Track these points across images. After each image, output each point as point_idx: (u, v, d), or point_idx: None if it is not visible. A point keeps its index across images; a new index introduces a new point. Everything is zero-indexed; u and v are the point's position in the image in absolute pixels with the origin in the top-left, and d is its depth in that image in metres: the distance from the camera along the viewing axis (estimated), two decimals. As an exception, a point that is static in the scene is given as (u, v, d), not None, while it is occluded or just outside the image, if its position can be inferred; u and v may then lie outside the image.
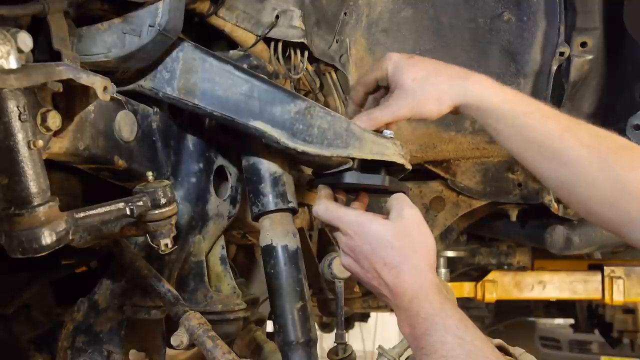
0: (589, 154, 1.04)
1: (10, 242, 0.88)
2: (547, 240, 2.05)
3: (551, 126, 1.07)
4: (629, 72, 1.72)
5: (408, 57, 1.16)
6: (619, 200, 1.02)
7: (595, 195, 1.05)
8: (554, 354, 5.62)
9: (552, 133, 1.07)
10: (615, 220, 1.04)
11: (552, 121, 1.08)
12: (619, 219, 1.03)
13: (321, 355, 1.51)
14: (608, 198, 1.03)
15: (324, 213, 1.11)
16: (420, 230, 1.06)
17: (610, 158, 1.03)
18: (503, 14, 1.70)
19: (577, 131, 1.07)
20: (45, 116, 0.89)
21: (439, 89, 1.12)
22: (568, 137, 1.06)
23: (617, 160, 1.03)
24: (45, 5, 0.96)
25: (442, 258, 2.89)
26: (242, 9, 1.38)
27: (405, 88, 1.12)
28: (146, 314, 1.24)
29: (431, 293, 1.02)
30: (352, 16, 1.67)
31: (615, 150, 1.05)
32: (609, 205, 1.03)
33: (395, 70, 1.14)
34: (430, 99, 1.12)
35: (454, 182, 1.85)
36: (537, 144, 1.08)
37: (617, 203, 1.03)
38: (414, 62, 1.14)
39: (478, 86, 1.11)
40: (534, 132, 1.08)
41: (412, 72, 1.13)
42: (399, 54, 1.17)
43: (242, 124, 1.17)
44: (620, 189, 1.02)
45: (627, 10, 1.64)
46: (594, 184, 1.04)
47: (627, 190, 1.01)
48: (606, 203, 1.04)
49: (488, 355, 0.98)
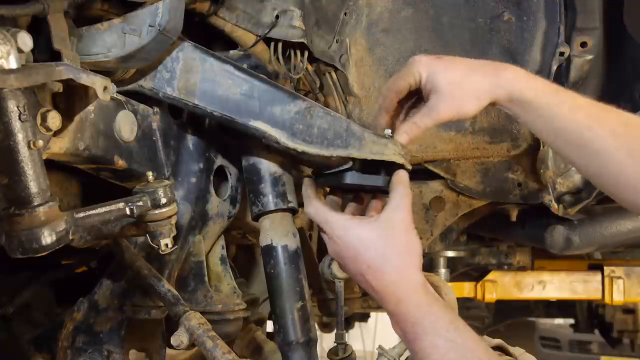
0: (617, 142, 1.05)
1: (10, 242, 0.88)
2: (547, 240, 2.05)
3: (580, 116, 1.08)
4: (629, 72, 1.72)
5: (436, 58, 1.15)
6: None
7: (623, 182, 1.06)
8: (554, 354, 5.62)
9: (581, 123, 1.08)
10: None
11: (582, 111, 1.09)
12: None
13: (321, 355, 1.51)
14: (635, 184, 1.04)
15: (314, 214, 1.11)
16: (406, 232, 1.05)
17: (637, 146, 1.04)
18: (503, 14, 1.69)
19: (606, 120, 1.07)
20: (45, 116, 0.89)
21: (476, 88, 1.12)
22: (597, 127, 1.07)
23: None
24: (45, 5, 0.96)
25: (442, 258, 2.89)
26: (242, 9, 1.38)
27: (443, 92, 1.12)
28: (146, 314, 1.24)
29: (417, 295, 1.02)
30: (352, 16, 1.67)
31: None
32: (635, 191, 1.05)
33: (428, 74, 1.13)
34: (470, 99, 1.12)
35: (454, 182, 1.85)
36: (567, 134, 1.09)
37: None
38: (445, 64, 1.13)
39: (510, 80, 1.11)
40: (563, 123, 1.09)
41: (447, 75, 1.12)
42: (426, 56, 1.15)
43: (242, 124, 1.18)
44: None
45: (627, 10, 1.64)
46: (623, 171, 1.05)
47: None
48: (632, 189, 1.05)
49: (481, 356, 0.98)
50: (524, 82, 1.11)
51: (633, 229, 2.01)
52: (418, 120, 1.14)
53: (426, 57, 1.15)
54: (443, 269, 2.89)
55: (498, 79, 1.12)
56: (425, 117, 1.14)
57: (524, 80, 1.12)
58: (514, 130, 1.78)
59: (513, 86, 1.11)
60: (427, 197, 1.91)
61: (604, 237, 2.01)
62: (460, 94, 1.12)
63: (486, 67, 1.14)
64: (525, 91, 1.11)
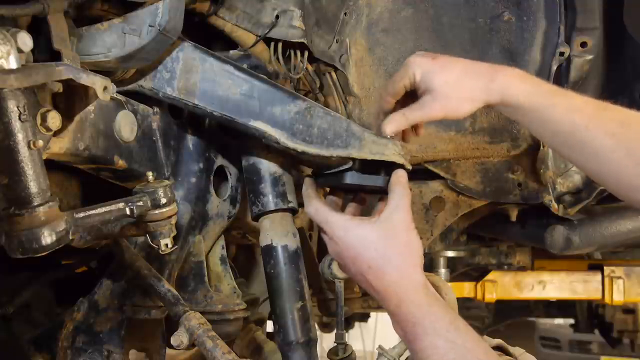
0: (614, 143, 1.04)
1: (10, 242, 0.88)
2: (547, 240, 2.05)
3: (576, 117, 1.07)
4: (629, 72, 1.72)
5: (432, 58, 1.15)
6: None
7: (624, 182, 1.06)
8: (554, 354, 5.62)
9: (578, 124, 1.07)
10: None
11: (577, 111, 1.08)
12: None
13: (321, 355, 1.51)
14: (635, 183, 1.04)
15: (314, 214, 1.11)
16: (406, 232, 1.05)
17: (635, 144, 1.03)
18: (503, 14, 1.70)
19: (603, 120, 1.07)
20: (45, 116, 0.89)
21: (470, 89, 1.12)
22: (593, 127, 1.06)
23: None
24: (45, 5, 0.96)
25: (442, 258, 2.88)
26: (242, 9, 1.38)
27: (436, 91, 1.12)
28: (146, 314, 1.24)
29: (418, 295, 1.02)
30: (352, 16, 1.67)
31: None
32: (637, 189, 1.04)
33: (423, 75, 1.13)
34: (463, 100, 1.12)
35: (454, 182, 1.85)
36: (564, 135, 1.09)
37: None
38: (441, 64, 1.14)
39: (503, 83, 1.11)
40: (559, 125, 1.09)
41: (442, 75, 1.12)
42: (421, 56, 1.15)
43: (242, 124, 1.18)
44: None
45: (627, 10, 1.64)
46: (622, 170, 1.05)
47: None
48: (634, 188, 1.04)
49: (480, 357, 0.98)
50: (517, 84, 1.11)
51: (633, 229, 2.01)
52: (407, 113, 1.14)
53: (422, 57, 1.15)
54: (443, 269, 2.89)
55: (492, 81, 1.11)
56: (415, 111, 1.14)
57: (517, 82, 1.11)
58: (514, 130, 1.78)
59: (506, 89, 1.11)
60: (427, 197, 1.91)
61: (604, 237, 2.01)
62: (454, 95, 1.12)
63: (481, 69, 1.14)
64: (518, 94, 1.10)
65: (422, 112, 1.13)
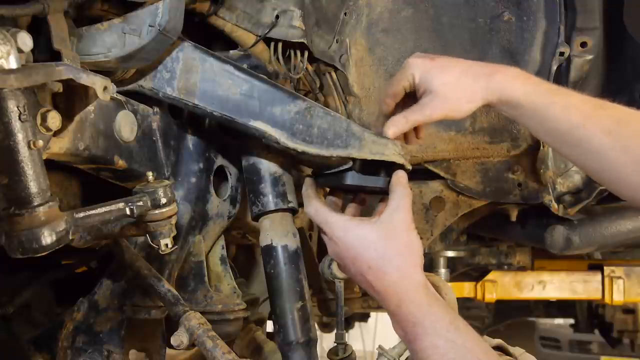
0: (610, 141, 1.04)
1: (10, 242, 0.88)
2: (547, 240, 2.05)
3: (573, 116, 1.08)
4: (629, 72, 1.72)
5: (431, 60, 1.15)
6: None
7: (624, 180, 1.06)
8: (554, 354, 5.62)
9: (574, 122, 1.07)
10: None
11: (574, 110, 1.08)
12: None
13: (321, 355, 1.51)
14: (633, 181, 1.04)
15: (314, 215, 1.11)
16: (406, 232, 1.05)
17: (632, 142, 1.03)
18: (503, 14, 1.70)
19: (599, 117, 1.07)
20: (45, 116, 0.89)
21: (469, 90, 1.12)
22: (589, 126, 1.06)
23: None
24: (45, 5, 0.96)
25: (442, 258, 2.88)
26: (242, 9, 1.38)
27: (435, 92, 1.12)
28: (146, 314, 1.24)
29: (418, 295, 1.02)
30: (352, 16, 1.67)
31: (638, 133, 1.05)
32: (635, 187, 1.04)
33: (422, 76, 1.14)
34: (462, 100, 1.13)
35: (454, 182, 1.85)
36: (562, 134, 1.09)
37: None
38: (439, 66, 1.14)
39: (501, 83, 1.12)
40: (557, 123, 1.09)
41: (441, 76, 1.13)
42: (420, 58, 1.16)
43: (242, 124, 1.18)
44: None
45: (627, 10, 1.64)
46: (620, 169, 1.05)
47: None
48: (632, 186, 1.05)
49: (480, 357, 0.98)
50: (515, 84, 1.11)
51: (633, 229, 2.01)
52: (408, 115, 1.15)
53: (421, 58, 1.16)
54: (443, 269, 2.89)
55: (490, 81, 1.12)
56: (416, 113, 1.14)
57: (515, 82, 1.12)
58: (514, 130, 1.78)
59: (505, 89, 1.11)
60: (427, 197, 1.91)
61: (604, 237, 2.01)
62: (453, 95, 1.12)
63: (480, 69, 1.14)
64: (516, 94, 1.11)
65: (422, 113, 1.14)
